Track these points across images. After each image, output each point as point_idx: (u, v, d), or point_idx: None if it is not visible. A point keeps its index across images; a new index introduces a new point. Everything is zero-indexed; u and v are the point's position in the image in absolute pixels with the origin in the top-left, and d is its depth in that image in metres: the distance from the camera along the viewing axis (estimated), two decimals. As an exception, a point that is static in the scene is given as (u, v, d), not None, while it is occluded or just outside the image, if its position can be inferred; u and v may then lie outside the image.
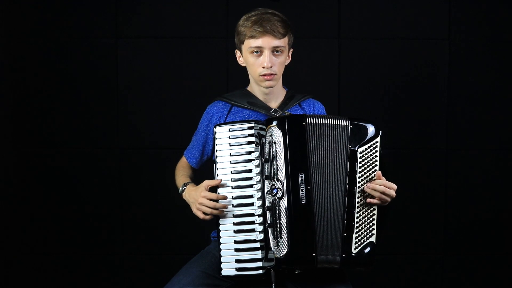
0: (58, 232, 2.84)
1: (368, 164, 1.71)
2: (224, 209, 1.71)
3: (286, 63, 1.91)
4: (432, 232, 2.88)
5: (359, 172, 1.69)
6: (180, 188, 1.88)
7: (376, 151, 1.72)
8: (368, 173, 1.70)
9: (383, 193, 1.67)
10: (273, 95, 1.92)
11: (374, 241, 1.69)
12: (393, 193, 1.69)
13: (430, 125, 2.85)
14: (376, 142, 1.72)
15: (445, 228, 2.87)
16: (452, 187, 2.86)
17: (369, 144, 1.71)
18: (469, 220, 2.87)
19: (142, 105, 2.82)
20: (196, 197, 1.75)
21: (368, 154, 1.71)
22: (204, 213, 1.73)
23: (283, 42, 1.83)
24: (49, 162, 2.82)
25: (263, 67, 1.81)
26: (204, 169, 2.03)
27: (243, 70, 1.96)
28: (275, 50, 1.82)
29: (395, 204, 1.74)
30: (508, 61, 2.82)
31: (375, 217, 1.70)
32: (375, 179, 1.70)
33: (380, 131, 1.73)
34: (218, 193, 1.73)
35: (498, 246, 2.88)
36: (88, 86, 2.81)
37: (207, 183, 1.74)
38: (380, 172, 1.70)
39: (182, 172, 1.98)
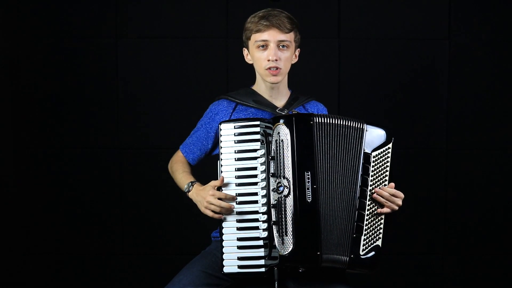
0: (58, 232, 2.83)
1: (380, 169, 1.72)
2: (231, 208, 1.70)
3: (293, 62, 1.91)
4: (432, 232, 2.88)
5: (371, 176, 1.70)
6: (186, 187, 1.85)
7: (388, 157, 1.74)
8: (379, 178, 1.72)
9: (391, 201, 1.69)
10: (278, 94, 1.92)
11: (380, 245, 1.69)
12: (400, 202, 1.71)
13: (430, 125, 2.85)
14: (389, 148, 1.75)
15: (445, 228, 2.87)
16: (452, 187, 2.86)
17: (382, 149, 1.73)
18: (469, 220, 2.87)
19: (142, 105, 2.82)
20: (204, 196, 1.72)
21: (381, 159, 1.73)
22: (213, 212, 1.71)
23: (289, 37, 1.84)
24: (49, 162, 2.81)
25: (268, 60, 1.82)
26: (208, 165, 1.99)
27: (243, 70, 1.96)
28: (280, 45, 1.83)
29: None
30: (508, 61, 2.82)
31: (382, 221, 1.72)
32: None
33: (393, 138, 1.75)
34: (222, 191, 1.71)
35: (498, 246, 2.88)
36: (88, 86, 2.80)
37: (214, 183, 1.71)
38: (393, 184, 1.72)
39: (182, 168, 1.95)
